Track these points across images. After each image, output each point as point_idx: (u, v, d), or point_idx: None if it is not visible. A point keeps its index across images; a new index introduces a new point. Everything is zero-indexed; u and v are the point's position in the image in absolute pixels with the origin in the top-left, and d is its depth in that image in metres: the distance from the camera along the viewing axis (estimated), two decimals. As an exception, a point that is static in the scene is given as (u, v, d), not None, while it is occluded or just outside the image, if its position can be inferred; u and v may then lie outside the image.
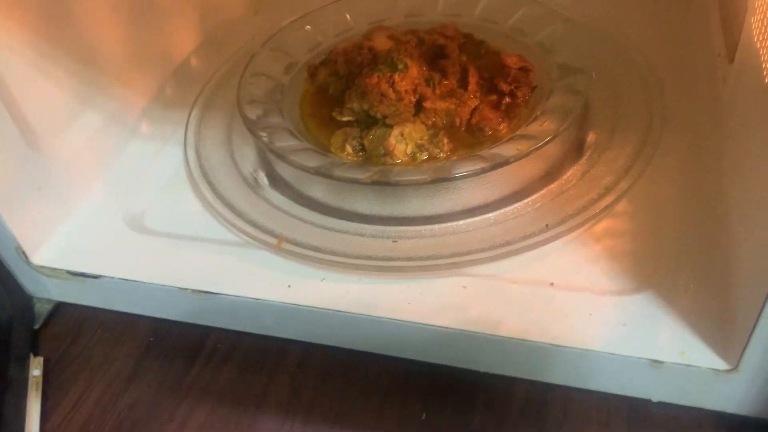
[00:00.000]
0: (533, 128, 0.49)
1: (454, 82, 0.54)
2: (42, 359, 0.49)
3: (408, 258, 0.46)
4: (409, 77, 0.52)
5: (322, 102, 0.56)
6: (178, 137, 0.59)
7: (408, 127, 0.50)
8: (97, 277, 0.49)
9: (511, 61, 0.54)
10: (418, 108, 0.52)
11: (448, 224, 0.48)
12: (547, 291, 0.44)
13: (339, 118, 0.53)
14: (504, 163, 0.46)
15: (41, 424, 0.46)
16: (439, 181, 0.47)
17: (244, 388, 0.47)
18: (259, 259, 0.48)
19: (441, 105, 0.52)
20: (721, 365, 0.39)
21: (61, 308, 0.53)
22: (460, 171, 0.46)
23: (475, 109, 0.52)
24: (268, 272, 0.47)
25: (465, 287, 0.45)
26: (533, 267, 0.45)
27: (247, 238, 0.49)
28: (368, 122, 0.52)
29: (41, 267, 0.50)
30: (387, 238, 0.48)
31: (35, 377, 0.48)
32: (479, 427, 0.43)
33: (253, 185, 0.53)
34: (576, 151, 0.52)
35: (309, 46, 0.62)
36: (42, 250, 0.51)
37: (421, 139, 0.50)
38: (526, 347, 0.42)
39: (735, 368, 0.38)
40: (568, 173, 0.50)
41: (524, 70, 0.54)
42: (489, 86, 0.54)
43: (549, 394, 0.44)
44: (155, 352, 0.50)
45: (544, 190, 0.49)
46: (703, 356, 0.39)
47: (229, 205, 0.51)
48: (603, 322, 0.42)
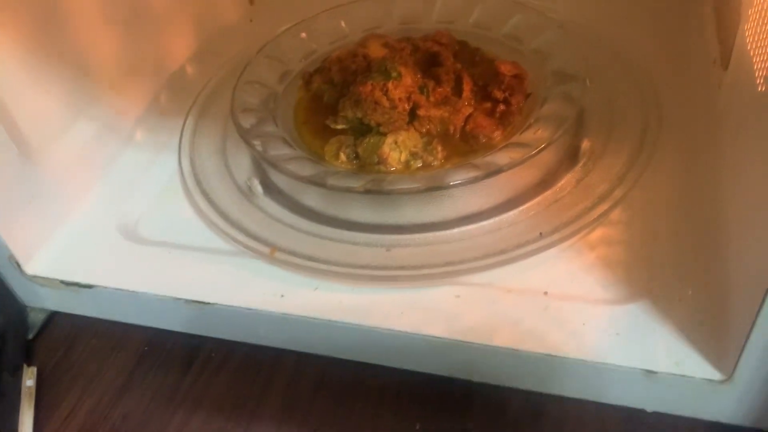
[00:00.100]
0: (527, 136, 0.49)
1: (448, 89, 0.54)
2: (35, 369, 0.49)
3: (401, 267, 0.46)
4: (403, 85, 0.52)
5: (317, 110, 0.56)
6: (172, 146, 0.59)
7: (402, 135, 0.50)
8: (90, 286, 0.49)
9: (506, 69, 0.54)
10: (412, 116, 0.52)
11: (442, 232, 0.48)
12: (541, 300, 0.44)
13: (333, 126, 0.53)
14: (497, 171, 0.46)
15: (34, 435, 0.46)
16: (433, 190, 0.47)
17: (238, 398, 0.47)
18: (252, 268, 0.48)
19: (435, 113, 0.52)
20: (716, 375, 0.39)
21: (55, 318, 0.53)
22: (453, 179, 0.46)
23: (469, 116, 0.52)
24: (262, 282, 0.47)
25: (458, 296, 0.45)
26: (527, 276, 0.45)
27: (241, 247, 0.49)
28: (362, 130, 0.51)
29: (35, 277, 0.50)
30: (381, 247, 0.48)
31: (28, 388, 0.48)
32: (473, 438, 0.43)
33: (248, 193, 0.53)
34: (571, 158, 0.52)
35: (304, 54, 0.62)
36: (36, 260, 0.51)
37: (415, 147, 0.50)
38: (520, 357, 0.41)
39: (729, 378, 0.38)
40: (563, 181, 0.50)
41: (518, 78, 0.54)
42: (483, 94, 0.54)
43: (544, 404, 0.43)
44: (149, 361, 0.50)
45: (539, 198, 0.49)
46: (697, 366, 0.39)
47: (223, 213, 0.51)
48: (597, 331, 0.41)
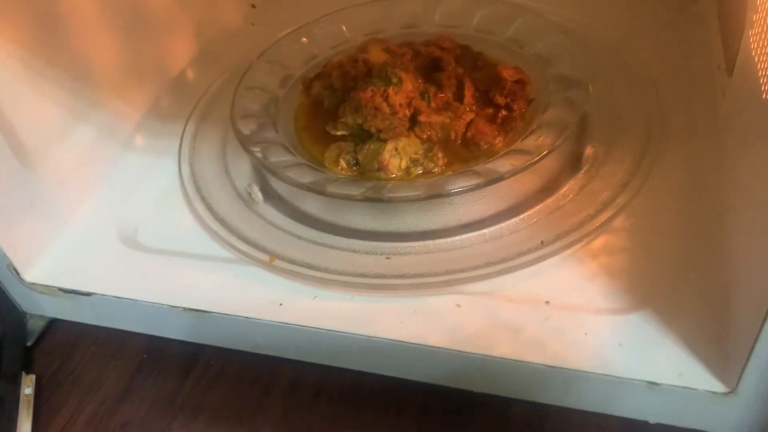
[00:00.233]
0: (529, 143, 0.49)
1: (449, 94, 0.54)
2: (34, 377, 0.49)
3: (401, 275, 0.45)
4: (404, 91, 0.51)
5: (317, 115, 0.56)
6: (173, 150, 0.59)
7: (402, 142, 0.50)
8: (89, 294, 0.49)
9: (508, 74, 0.54)
10: (413, 122, 0.51)
11: (443, 240, 0.47)
12: (542, 310, 0.43)
13: (333, 132, 0.52)
14: (498, 178, 0.46)
15: (32, 443, 0.46)
16: (433, 198, 0.46)
17: (237, 406, 0.47)
18: (251, 276, 0.48)
19: (436, 119, 0.51)
20: (719, 388, 0.38)
21: (54, 325, 0.53)
22: (453, 187, 0.46)
23: (470, 122, 0.52)
24: (260, 290, 0.47)
25: (459, 305, 0.44)
26: (529, 285, 0.45)
27: (240, 255, 0.49)
28: (362, 136, 0.51)
29: (34, 284, 0.50)
30: (380, 255, 0.47)
31: (27, 395, 0.48)
32: (473, 448, 0.42)
33: (247, 200, 0.53)
34: (573, 164, 0.51)
35: (305, 59, 0.61)
36: (34, 267, 0.51)
37: (415, 154, 0.50)
38: (521, 368, 0.41)
39: (733, 391, 0.37)
40: (565, 188, 0.50)
41: (520, 83, 0.54)
42: (485, 99, 0.53)
43: (545, 415, 0.43)
44: (148, 369, 0.50)
45: (541, 205, 0.49)
46: (700, 378, 0.38)
47: (222, 220, 0.51)
48: (598, 342, 0.41)
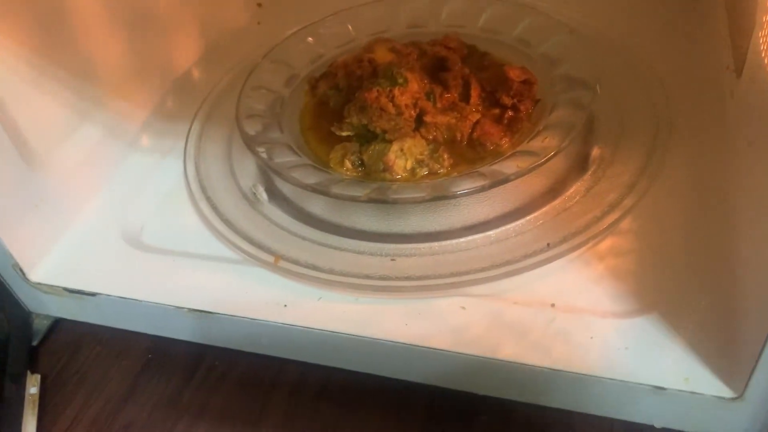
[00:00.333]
0: (535, 144, 0.48)
1: (455, 95, 0.53)
2: (39, 377, 0.49)
3: (406, 277, 0.45)
4: (409, 91, 0.51)
5: (323, 115, 0.56)
6: (178, 150, 0.59)
7: (408, 142, 0.50)
8: (93, 294, 0.49)
9: (514, 74, 0.53)
10: (419, 122, 0.51)
11: (448, 242, 0.47)
12: (547, 313, 0.43)
13: (338, 132, 0.52)
14: (504, 180, 0.46)
15: (37, 443, 0.46)
16: (438, 199, 0.46)
17: (241, 407, 0.47)
18: (256, 277, 0.48)
19: (442, 119, 0.51)
20: (726, 393, 0.38)
21: (60, 324, 0.53)
22: (459, 188, 0.46)
23: (476, 123, 0.51)
24: (265, 291, 0.47)
25: (464, 308, 0.44)
26: (534, 287, 0.44)
27: (245, 256, 0.49)
28: (368, 137, 0.51)
29: (39, 284, 0.50)
30: (385, 256, 0.47)
31: (32, 395, 0.48)
32: (478, 452, 0.42)
33: (252, 200, 0.53)
34: (580, 165, 0.51)
35: (310, 58, 0.61)
36: (40, 267, 0.51)
37: (421, 155, 0.50)
38: (525, 371, 0.41)
39: (740, 396, 0.37)
40: (572, 189, 0.49)
41: (527, 83, 0.53)
42: (491, 99, 0.53)
43: (549, 418, 0.43)
44: (153, 369, 0.50)
45: (547, 207, 0.48)
46: (707, 383, 0.38)
47: (227, 221, 0.51)
48: (604, 345, 0.41)
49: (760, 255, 0.38)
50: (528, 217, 0.48)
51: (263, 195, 0.53)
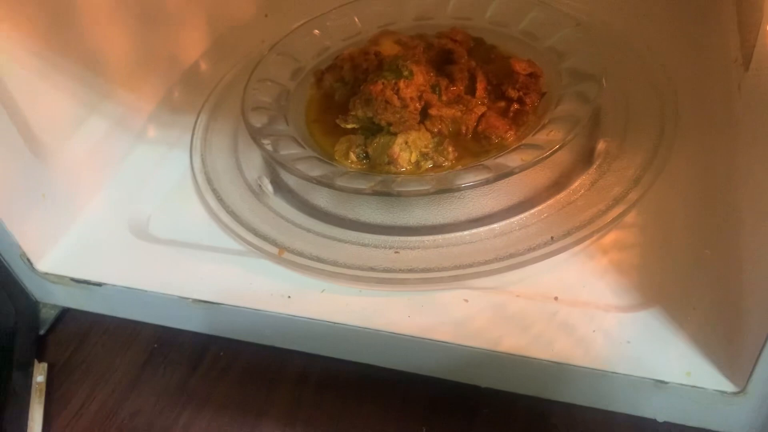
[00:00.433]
0: (540, 137, 0.48)
1: (461, 88, 0.53)
2: (46, 365, 0.50)
3: (410, 270, 0.45)
4: (415, 84, 0.51)
5: (328, 108, 0.56)
6: (185, 142, 0.59)
7: (412, 135, 0.50)
8: (99, 284, 0.49)
9: (520, 67, 0.53)
10: (424, 115, 0.51)
11: (452, 235, 0.47)
12: (550, 306, 0.43)
13: (343, 125, 0.52)
14: (508, 173, 0.46)
15: (44, 430, 0.46)
16: (442, 192, 0.46)
17: (245, 397, 0.47)
18: (260, 268, 0.48)
19: (447, 112, 0.51)
20: (728, 387, 0.38)
21: (67, 314, 0.54)
22: (463, 181, 0.46)
23: (482, 116, 0.51)
24: (269, 282, 0.47)
25: (467, 300, 0.44)
26: (537, 280, 0.44)
27: (249, 247, 0.49)
28: (372, 130, 0.51)
29: (46, 274, 0.51)
30: (389, 249, 0.47)
31: (39, 383, 0.49)
32: (480, 444, 0.42)
33: (258, 192, 0.53)
34: (586, 159, 0.51)
35: (317, 51, 0.61)
36: (47, 257, 0.51)
37: (425, 148, 0.50)
38: (528, 364, 0.41)
39: (742, 391, 0.37)
40: (577, 183, 0.49)
41: (533, 76, 0.53)
42: (497, 92, 0.53)
43: (551, 411, 0.43)
44: (158, 359, 0.50)
45: (552, 200, 0.48)
46: (709, 377, 0.38)
47: (232, 213, 0.51)
48: (607, 339, 0.41)
49: (763, 249, 0.38)
50: (532, 210, 0.48)
51: (269, 187, 0.53)
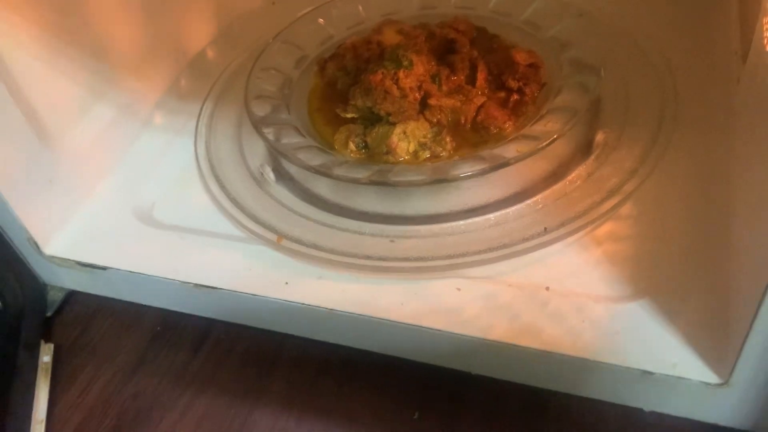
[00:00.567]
0: (537, 128, 0.49)
1: (462, 77, 0.53)
2: (52, 346, 0.51)
3: (405, 258, 0.46)
4: (414, 74, 0.51)
5: (331, 97, 0.56)
6: (190, 129, 0.60)
7: (411, 125, 0.50)
8: (104, 268, 0.51)
9: (521, 57, 0.53)
10: (424, 105, 0.51)
11: (448, 224, 0.48)
12: (542, 295, 0.43)
13: (343, 115, 0.53)
14: (504, 164, 0.46)
15: (49, 409, 0.48)
16: (438, 182, 0.46)
17: (244, 380, 0.48)
18: (259, 254, 0.49)
19: (447, 102, 0.51)
20: (713, 379, 0.38)
21: (74, 296, 0.55)
22: (459, 172, 0.46)
23: (481, 106, 0.52)
24: (268, 268, 0.48)
25: (459, 289, 0.45)
26: (530, 270, 0.45)
27: (249, 234, 0.50)
28: (372, 119, 0.51)
29: (53, 257, 0.52)
30: (385, 237, 0.48)
31: (45, 363, 0.50)
32: (470, 429, 0.43)
33: (260, 180, 0.54)
34: (584, 150, 0.51)
35: (321, 39, 0.62)
36: (54, 241, 0.52)
37: (423, 138, 0.50)
38: (517, 352, 0.41)
39: (726, 382, 0.37)
40: (574, 173, 0.49)
41: (533, 67, 0.53)
42: (498, 83, 0.53)
43: (541, 398, 0.43)
44: (161, 341, 0.51)
45: (548, 191, 0.49)
46: (694, 369, 0.38)
47: (233, 199, 0.52)
48: (596, 329, 0.41)
49: (749, 242, 0.39)
50: (528, 201, 0.48)
51: (270, 175, 0.54)
